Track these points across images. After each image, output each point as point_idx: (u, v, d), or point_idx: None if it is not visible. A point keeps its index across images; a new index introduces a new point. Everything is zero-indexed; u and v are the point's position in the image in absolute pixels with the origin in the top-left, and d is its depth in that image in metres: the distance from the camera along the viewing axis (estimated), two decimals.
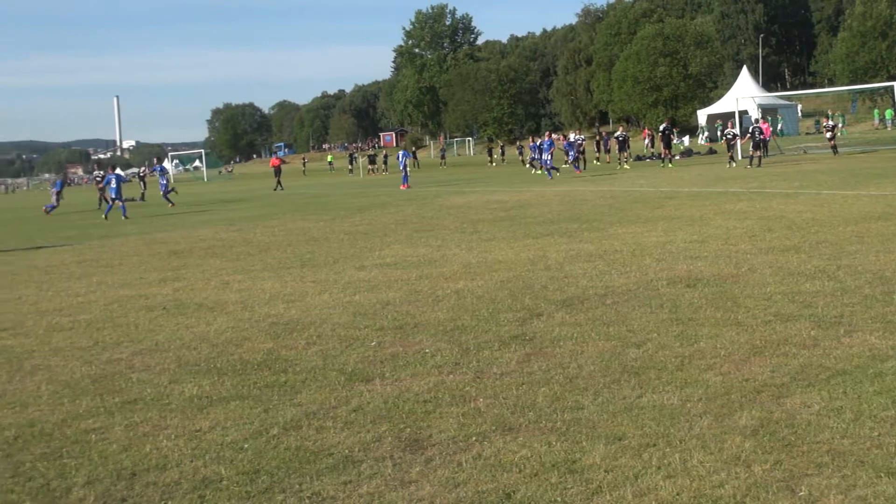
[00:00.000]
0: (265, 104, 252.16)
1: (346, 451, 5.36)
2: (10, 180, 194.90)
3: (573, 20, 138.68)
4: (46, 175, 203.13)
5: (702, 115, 77.94)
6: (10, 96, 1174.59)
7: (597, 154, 52.22)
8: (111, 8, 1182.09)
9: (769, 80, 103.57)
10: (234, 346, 8.50)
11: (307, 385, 6.89)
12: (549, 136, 44.62)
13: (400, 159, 42.03)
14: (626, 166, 43.06)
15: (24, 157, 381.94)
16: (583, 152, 44.52)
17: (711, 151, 53.66)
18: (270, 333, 8.93)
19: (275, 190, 45.99)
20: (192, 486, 4.99)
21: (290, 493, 4.80)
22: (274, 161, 54.84)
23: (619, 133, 46.79)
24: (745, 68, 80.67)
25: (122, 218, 29.88)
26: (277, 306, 10.46)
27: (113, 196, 31.21)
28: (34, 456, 5.68)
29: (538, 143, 43.91)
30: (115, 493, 4.96)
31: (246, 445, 5.58)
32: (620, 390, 6.21)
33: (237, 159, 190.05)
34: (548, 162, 39.14)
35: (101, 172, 39.12)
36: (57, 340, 9.32)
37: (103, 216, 30.66)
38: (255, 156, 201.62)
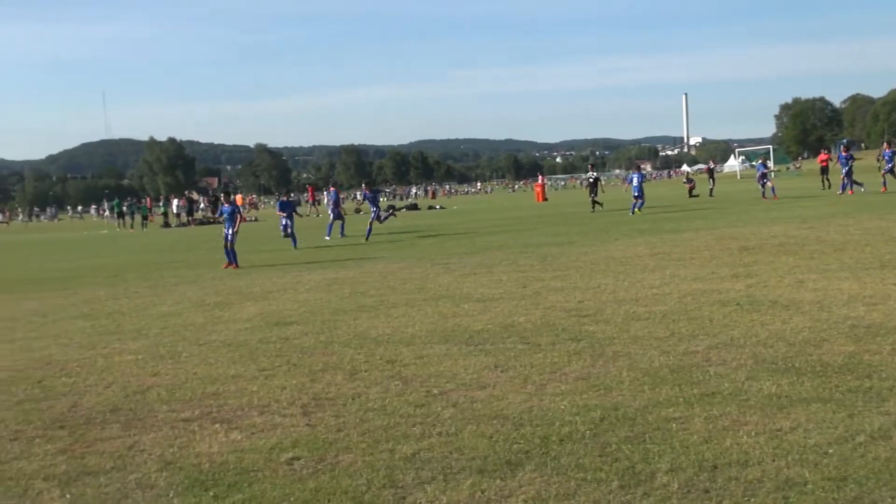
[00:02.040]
0: (836, 98, 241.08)
1: None
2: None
3: None
4: (616, 171, 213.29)
5: None
6: (585, 97, 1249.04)
7: None
8: (677, 8, 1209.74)
9: None
10: (811, 346, 8.24)
11: (895, 393, 6.47)
12: (888, 146, 37.46)
13: (843, 162, 37.79)
14: None
15: (597, 153, 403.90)
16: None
17: None
18: (851, 336, 8.52)
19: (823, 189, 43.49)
20: (774, 485, 4.91)
21: None
22: (822, 157, 52.44)
23: None
24: None
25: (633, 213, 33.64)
26: (857, 308, 9.96)
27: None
28: (619, 438, 5.95)
29: (892, 152, 36.87)
30: (699, 484, 5.04)
31: (830, 450, 5.37)
32: None
33: (804, 155, 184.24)
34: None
35: (593, 174, 41.84)
36: (635, 329, 9.71)
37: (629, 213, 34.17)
38: (822, 151, 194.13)
